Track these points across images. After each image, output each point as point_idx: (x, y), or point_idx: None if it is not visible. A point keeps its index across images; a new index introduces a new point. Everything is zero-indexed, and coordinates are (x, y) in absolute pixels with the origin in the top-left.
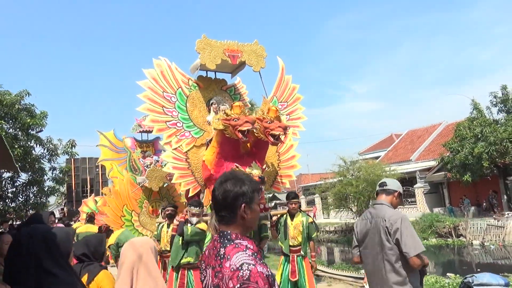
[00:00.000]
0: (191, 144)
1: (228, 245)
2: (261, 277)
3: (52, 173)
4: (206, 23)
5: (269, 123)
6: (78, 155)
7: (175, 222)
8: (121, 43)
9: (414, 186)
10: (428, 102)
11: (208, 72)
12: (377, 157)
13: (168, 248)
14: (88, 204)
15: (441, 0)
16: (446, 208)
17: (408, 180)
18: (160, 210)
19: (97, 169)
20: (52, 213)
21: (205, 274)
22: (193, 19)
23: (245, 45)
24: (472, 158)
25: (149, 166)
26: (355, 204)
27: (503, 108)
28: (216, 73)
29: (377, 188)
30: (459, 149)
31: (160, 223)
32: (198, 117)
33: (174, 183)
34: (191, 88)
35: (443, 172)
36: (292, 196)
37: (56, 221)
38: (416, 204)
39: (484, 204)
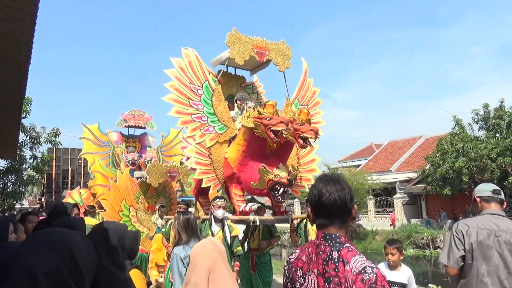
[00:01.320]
0: (214, 140)
1: (341, 248)
2: (385, 280)
3: (33, 162)
4: (183, 28)
5: (300, 125)
6: (61, 144)
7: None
8: (115, 33)
9: (393, 196)
10: (407, 114)
11: (227, 67)
12: (357, 166)
13: None
14: (73, 196)
15: (420, 17)
16: (424, 220)
17: (387, 191)
18: (157, 207)
19: (80, 161)
20: (76, 205)
21: (302, 281)
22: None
23: (273, 43)
24: (452, 173)
25: (130, 161)
26: None
27: (483, 125)
28: (236, 69)
29: (487, 194)
30: (440, 162)
31: (168, 219)
32: (223, 113)
33: (196, 178)
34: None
35: (422, 184)
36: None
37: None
38: (394, 214)
39: (461, 217)
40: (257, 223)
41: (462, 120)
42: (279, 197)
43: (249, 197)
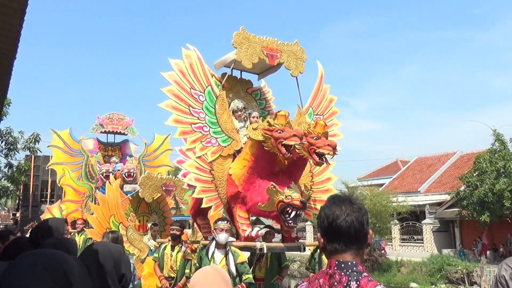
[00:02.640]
0: (217, 153)
1: (360, 278)
2: None
3: (8, 171)
4: (195, 24)
5: (316, 139)
6: (41, 152)
7: (184, 249)
8: (102, 29)
9: (422, 222)
10: (438, 126)
11: (232, 70)
12: (380, 185)
13: (173, 275)
14: (53, 212)
15: (455, 17)
16: (457, 250)
17: (415, 215)
18: (149, 226)
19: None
20: (66, 220)
21: None
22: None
23: (285, 45)
24: (492, 196)
25: (105, 174)
26: None
27: None
28: (242, 72)
29: None
30: (478, 184)
31: (161, 243)
32: (227, 123)
33: (195, 197)
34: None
35: (456, 209)
36: None
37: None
38: (423, 243)
39: (502, 249)
40: (265, 251)
41: (503, 135)
42: (290, 221)
43: (254, 218)
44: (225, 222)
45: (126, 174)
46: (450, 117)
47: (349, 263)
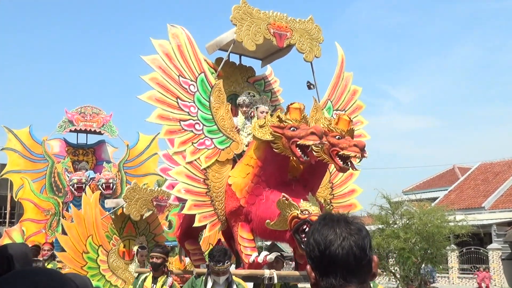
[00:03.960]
0: (213, 158)
1: None
2: None
3: None
4: None
5: (339, 138)
6: None
7: (170, 281)
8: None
9: (488, 247)
10: (506, 124)
11: (229, 54)
12: (432, 199)
13: None
14: (13, 236)
15: None
16: None
17: (478, 238)
18: (135, 250)
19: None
20: (38, 247)
21: None
22: None
23: (296, 22)
24: None
25: (76, 185)
26: (402, 266)
27: None
28: (241, 57)
29: None
30: None
31: (140, 273)
32: (225, 119)
33: (183, 213)
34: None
35: None
36: None
37: None
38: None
39: None
40: (275, 281)
41: None
42: None
43: (267, 242)
44: (225, 263)
45: (104, 186)
46: None
47: None
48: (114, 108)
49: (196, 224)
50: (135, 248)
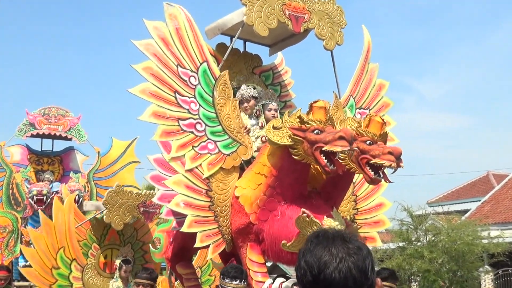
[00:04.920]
0: (217, 165)
1: None
2: None
3: None
4: None
5: (370, 144)
6: None
7: None
8: None
9: None
10: None
11: (231, 39)
12: (462, 212)
13: None
14: None
15: None
16: None
17: None
18: (117, 264)
19: None
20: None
21: None
22: None
23: (315, 2)
24: None
25: (35, 197)
26: None
27: None
28: (246, 43)
29: None
30: None
31: None
32: (232, 118)
33: (183, 231)
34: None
35: None
36: (386, 274)
37: None
38: None
39: None
40: None
41: None
42: None
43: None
44: (238, 283)
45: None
46: None
47: None
48: (83, 110)
49: (198, 244)
50: (117, 262)
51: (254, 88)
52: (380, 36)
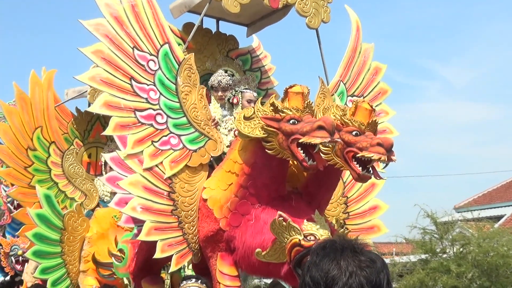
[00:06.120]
0: (181, 163)
1: None
2: None
3: None
4: None
5: (357, 135)
6: None
7: None
8: None
9: None
10: None
11: (202, 19)
12: (495, 218)
13: None
14: None
15: None
16: None
17: None
18: (103, 161)
19: None
20: None
21: None
22: None
23: None
24: None
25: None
26: None
27: None
28: (219, 22)
29: None
30: None
31: None
32: (198, 108)
33: (140, 240)
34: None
35: None
36: None
37: None
38: None
39: None
40: None
41: None
42: None
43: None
44: (198, 281)
45: None
46: None
47: None
48: None
49: (158, 255)
50: (104, 158)
51: (233, 75)
52: (396, 13)
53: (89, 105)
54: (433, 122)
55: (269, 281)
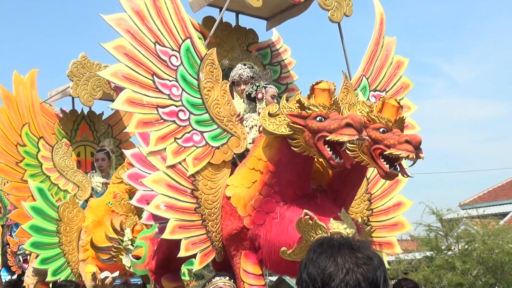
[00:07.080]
0: (204, 160)
1: None
2: None
3: None
4: None
5: (384, 132)
6: None
7: None
8: None
9: None
10: None
11: (221, 12)
12: (500, 215)
13: None
14: None
15: None
16: None
17: None
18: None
19: None
20: None
21: None
22: None
23: None
24: None
25: None
26: None
27: None
28: (239, 15)
29: None
30: None
31: None
32: (221, 104)
33: (164, 238)
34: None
35: None
36: (411, 286)
37: None
38: None
39: None
40: None
41: None
42: None
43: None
44: (227, 278)
45: None
46: None
47: None
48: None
49: (183, 253)
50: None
51: (252, 68)
52: (401, 9)
53: (73, 100)
54: (437, 119)
55: (274, 278)
